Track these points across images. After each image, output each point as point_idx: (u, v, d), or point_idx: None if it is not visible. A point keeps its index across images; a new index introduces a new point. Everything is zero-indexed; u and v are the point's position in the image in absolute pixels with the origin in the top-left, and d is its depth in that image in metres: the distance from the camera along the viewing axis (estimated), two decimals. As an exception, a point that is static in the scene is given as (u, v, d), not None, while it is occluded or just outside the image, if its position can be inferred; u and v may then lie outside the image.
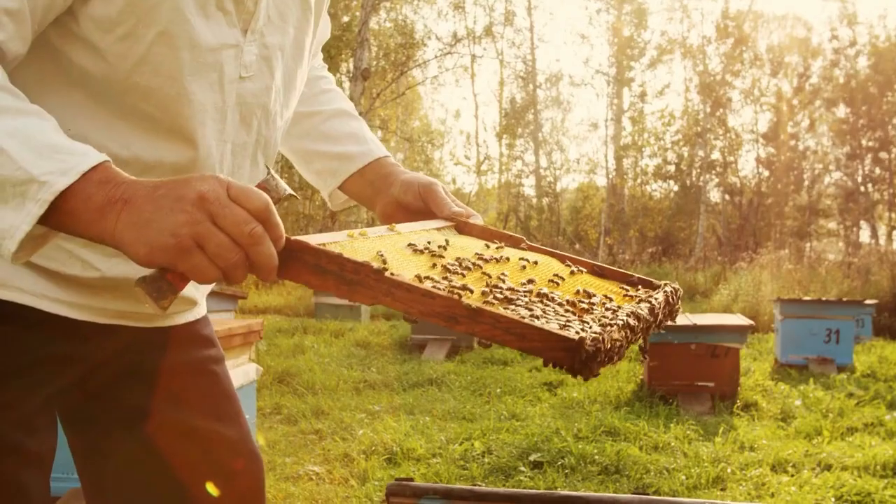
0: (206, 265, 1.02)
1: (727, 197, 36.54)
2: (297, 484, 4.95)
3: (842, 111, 34.75)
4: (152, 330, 1.42)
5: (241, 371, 4.57)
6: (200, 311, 1.53)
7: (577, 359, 1.05)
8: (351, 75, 26.17)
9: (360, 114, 17.68)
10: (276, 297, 19.39)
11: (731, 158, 36.70)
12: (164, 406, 1.42)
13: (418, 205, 1.55)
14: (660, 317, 1.36)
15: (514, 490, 1.79)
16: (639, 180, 39.13)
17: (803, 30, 38.60)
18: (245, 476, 1.50)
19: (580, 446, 5.64)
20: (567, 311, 1.21)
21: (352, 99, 25.46)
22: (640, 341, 1.31)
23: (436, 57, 31.26)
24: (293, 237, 1.11)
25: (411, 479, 1.88)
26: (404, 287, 1.12)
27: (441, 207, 1.52)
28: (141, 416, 1.41)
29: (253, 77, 1.35)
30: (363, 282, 1.12)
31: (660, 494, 4.87)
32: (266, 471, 4.87)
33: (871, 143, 33.73)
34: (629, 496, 1.76)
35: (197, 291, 1.48)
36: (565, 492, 1.81)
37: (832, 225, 36.18)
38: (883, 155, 33.62)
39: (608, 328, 1.16)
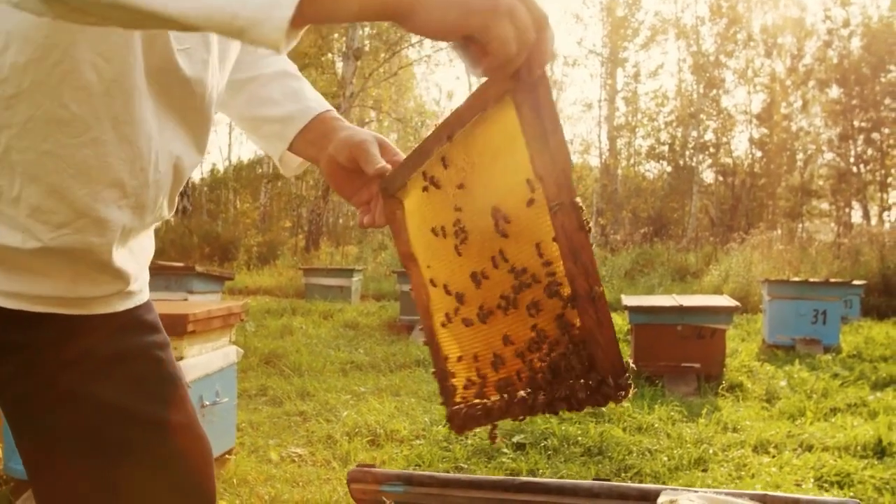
0: (511, 36, 1.02)
1: (720, 178, 36.59)
2: (278, 466, 4.96)
3: (835, 92, 34.73)
4: (92, 317, 1.41)
5: (221, 353, 4.57)
6: (143, 296, 1.51)
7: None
8: (343, 55, 26.06)
9: (352, 94, 17.59)
10: (266, 277, 19.41)
11: (725, 139, 36.72)
12: (108, 393, 1.41)
13: (352, 165, 1.51)
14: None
15: (475, 476, 1.79)
16: (632, 161, 39.15)
17: (797, 10, 38.56)
18: (192, 461, 1.49)
19: (563, 427, 5.66)
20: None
21: (343, 79, 25.45)
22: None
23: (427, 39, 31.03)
24: None
25: (373, 466, 1.89)
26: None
27: (368, 164, 1.48)
28: (85, 404, 1.40)
29: (189, 50, 1.33)
30: None
31: (641, 475, 4.89)
32: (248, 453, 4.88)
33: (863, 124, 33.75)
34: (590, 482, 1.76)
35: (138, 280, 1.47)
36: (526, 478, 1.82)
37: (825, 206, 36.24)
38: (875, 136, 33.65)
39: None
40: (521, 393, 1.20)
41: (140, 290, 1.50)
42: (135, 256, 1.44)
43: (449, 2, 0.99)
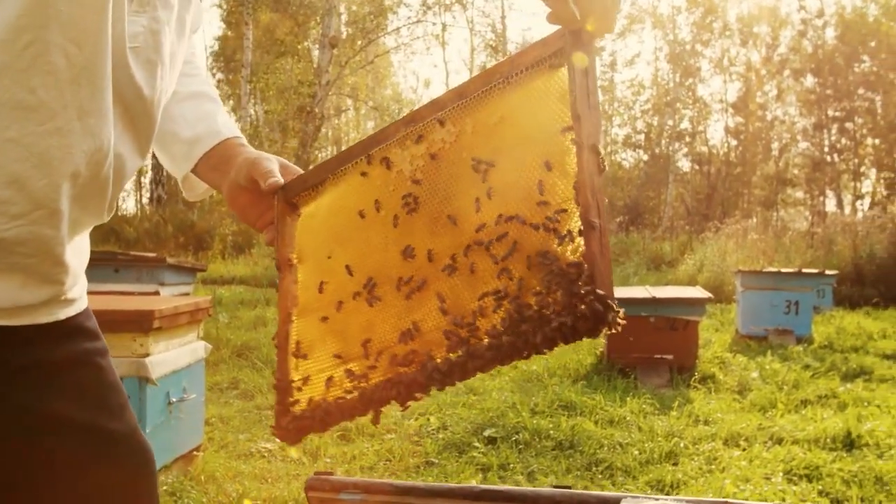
0: None
1: (696, 166, 36.73)
2: (248, 461, 4.93)
3: (809, 81, 34.91)
4: (29, 327, 1.38)
5: (189, 349, 4.53)
6: (82, 303, 1.48)
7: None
8: (319, 43, 25.93)
9: (328, 82, 17.53)
10: (241, 267, 19.31)
11: (700, 128, 36.85)
12: (47, 401, 1.38)
13: (253, 185, 1.52)
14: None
15: (435, 484, 1.78)
16: (608, 149, 39.20)
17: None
18: (133, 470, 1.47)
19: (535, 421, 5.65)
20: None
21: (319, 67, 25.32)
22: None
23: (405, 25, 31.01)
24: None
25: (331, 473, 1.87)
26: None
27: (262, 178, 1.50)
28: (24, 413, 1.37)
29: (138, 49, 1.31)
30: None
31: (612, 469, 4.90)
32: (218, 448, 4.84)
33: (837, 114, 33.94)
34: (551, 490, 1.75)
35: (78, 283, 1.44)
36: (487, 486, 1.80)
37: (799, 194, 36.46)
38: (849, 125, 33.85)
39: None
40: (452, 355, 1.20)
41: (80, 297, 1.47)
42: (77, 257, 1.42)
43: None
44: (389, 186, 1.36)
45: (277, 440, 1.38)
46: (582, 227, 1.11)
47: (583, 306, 1.06)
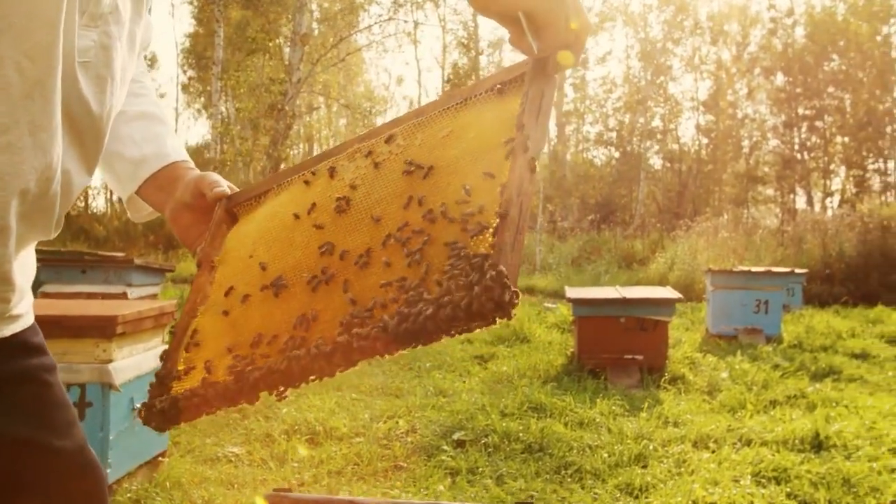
0: (563, 29, 1.13)
1: (667, 164, 36.90)
2: (214, 467, 4.88)
3: (779, 80, 35.16)
4: None
5: (153, 354, 4.48)
6: (27, 320, 1.45)
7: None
8: (290, 40, 25.81)
9: (299, 80, 17.45)
10: (212, 266, 19.18)
11: (672, 126, 37.02)
12: None
13: (198, 201, 1.52)
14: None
15: (394, 500, 1.75)
16: (580, 147, 39.32)
17: (742, -2, 38.93)
18: (81, 489, 1.44)
19: (505, 424, 5.63)
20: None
21: (290, 65, 25.20)
22: None
23: (377, 23, 30.91)
24: None
25: (289, 490, 1.83)
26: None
27: (209, 188, 1.51)
28: None
29: (89, 64, 1.27)
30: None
31: (582, 473, 4.88)
32: (184, 453, 4.78)
33: (807, 112, 34.20)
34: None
35: (24, 299, 1.41)
36: (445, 503, 1.79)
37: (770, 192, 36.72)
38: (818, 123, 34.12)
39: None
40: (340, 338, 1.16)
41: (26, 313, 1.43)
42: (22, 272, 1.38)
43: None
44: (328, 192, 1.37)
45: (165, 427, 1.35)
46: (498, 222, 1.09)
47: (479, 288, 1.02)
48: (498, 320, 1.04)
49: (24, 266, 1.40)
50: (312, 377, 1.19)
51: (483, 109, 1.26)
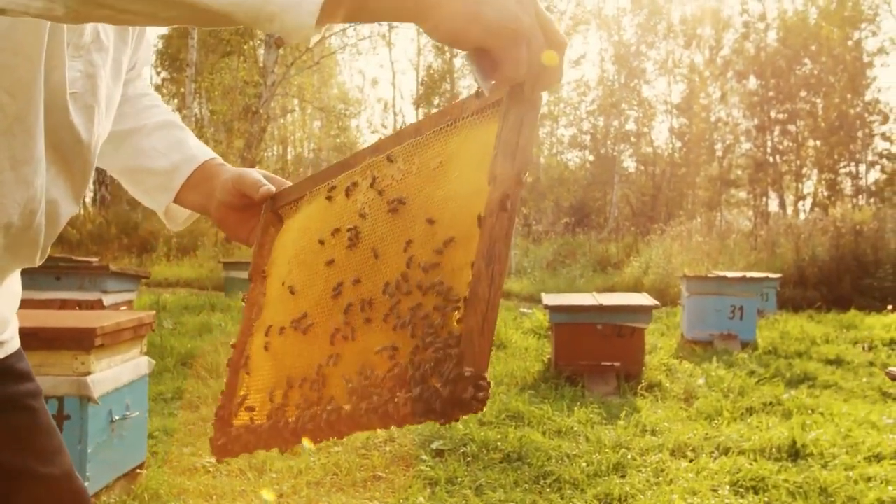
0: (524, 60, 1.05)
1: (641, 167, 37.05)
2: (192, 477, 4.85)
3: (752, 83, 35.40)
4: None
5: (131, 365, 4.44)
6: (12, 346, 1.44)
7: None
8: (265, 43, 25.72)
9: (274, 83, 17.39)
10: (186, 269, 19.09)
11: (646, 129, 37.17)
12: None
13: (242, 201, 1.51)
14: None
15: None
16: (554, 150, 39.40)
17: (715, 2, 39.16)
18: None
19: (483, 433, 5.63)
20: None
21: (265, 67, 25.12)
22: None
23: (351, 26, 30.81)
24: None
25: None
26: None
27: (253, 188, 1.49)
28: None
29: (77, 95, 1.27)
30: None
31: (560, 482, 4.89)
32: (162, 463, 4.75)
33: (779, 115, 34.46)
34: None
35: (9, 326, 1.40)
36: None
37: (742, 195, 36.95)
38: (791, 127, 34.39)
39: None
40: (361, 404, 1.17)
41: (11, 339, 1.42)
42: (6, 301, 1.37)
43: (472, 15, 1.01)
44: (345, 215, 1.36)
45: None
46: (465, 306, 1.08)
47: (442, 386, 1.03)
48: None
49: (9, 294, 1.39)
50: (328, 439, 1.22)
51: (467, 136, 1.24)
